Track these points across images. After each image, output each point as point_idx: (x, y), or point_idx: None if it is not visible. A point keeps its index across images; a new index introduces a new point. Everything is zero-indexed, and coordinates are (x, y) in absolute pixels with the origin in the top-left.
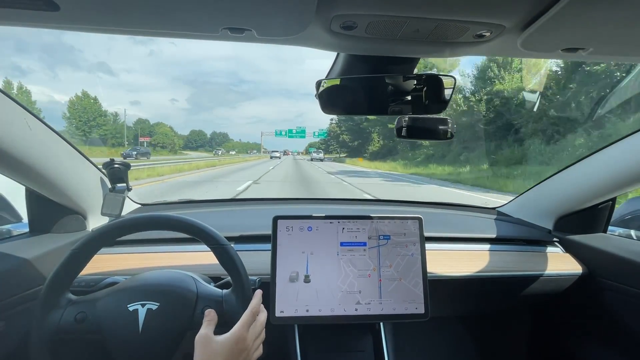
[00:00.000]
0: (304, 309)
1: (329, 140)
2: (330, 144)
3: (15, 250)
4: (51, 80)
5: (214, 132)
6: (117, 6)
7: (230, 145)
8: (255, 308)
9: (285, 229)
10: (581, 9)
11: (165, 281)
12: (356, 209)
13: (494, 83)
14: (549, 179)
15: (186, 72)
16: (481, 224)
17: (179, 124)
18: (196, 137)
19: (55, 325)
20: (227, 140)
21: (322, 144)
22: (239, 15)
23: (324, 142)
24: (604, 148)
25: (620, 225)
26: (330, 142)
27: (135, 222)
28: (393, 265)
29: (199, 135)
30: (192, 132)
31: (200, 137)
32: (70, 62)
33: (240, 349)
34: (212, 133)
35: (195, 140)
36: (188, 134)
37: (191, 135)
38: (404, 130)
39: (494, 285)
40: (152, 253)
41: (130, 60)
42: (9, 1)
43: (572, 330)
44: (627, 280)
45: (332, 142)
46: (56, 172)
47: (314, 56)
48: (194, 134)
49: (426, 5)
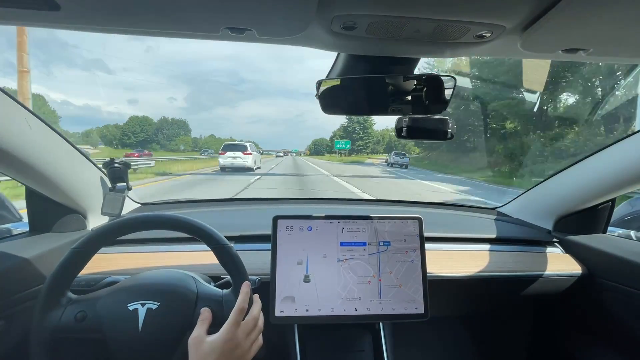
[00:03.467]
0: (304, 309)
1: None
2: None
3: (15, 250)
4: (45, 77)
5: (168, 120)
6: (118, 6)
7: (183, 141)
8: (242, 305)
9: (285, 228)
10: (581, 9)
11: (165, 281)
12: (356, 209)
13: None
14: (549, 180)
15: (185, 71)
16: (481, 224)
17: None
18: (135, 127)
19: (55, 324)
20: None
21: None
22: (239, 15)
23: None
24: (604, 148)
25: (620, 225)
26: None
27: (135, 222)
28: (393, 272)
29: (142, 124)
30: (131, 118)
31: (145, 126)
32: (65, 59)
33: (231, 348)
34: (160, 120)
35: (135, 133)
36: (126, 121)
37: (130, 124)
38: (404, 130)
39: (494, 286)
40: (152, 252)
41: (127, 57)
42: (10, 1)
43: (571, 330)
44: (627, 281)
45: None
46: (56, 171)
47: (314, 56)
48: (133, 122)
49: (427, 5)
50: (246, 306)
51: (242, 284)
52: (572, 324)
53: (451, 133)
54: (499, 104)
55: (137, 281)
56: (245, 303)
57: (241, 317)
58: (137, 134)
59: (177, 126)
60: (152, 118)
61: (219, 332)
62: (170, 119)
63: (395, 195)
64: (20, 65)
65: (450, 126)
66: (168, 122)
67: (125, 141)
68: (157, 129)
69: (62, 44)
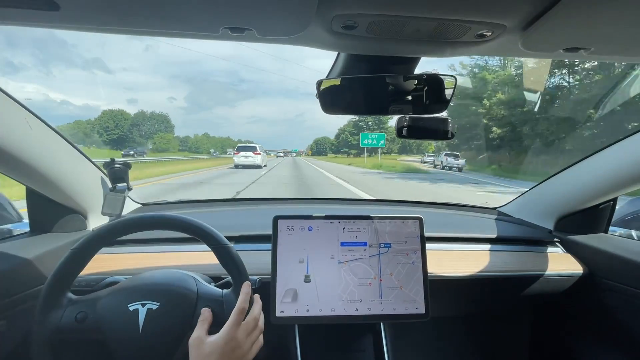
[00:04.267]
0: (305, 309)
1: None
2: None
3: (15, 250)
4: (44, 77)
5: (146, 114)
6: (118, 6)
7: (164, 139)
8: (242, 305)
9: (286, 228)
10: (582, 8)
11: (165, 281)
12: (356, 209)
13: None
14: (549, 179)
15: (185, 70)
16: (482, 224)
17: (176, 124)
18: (109, 122)
19: (56, 325)
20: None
21: None
22: (239, 15)
23: None
24: (605, 148)
25: (621, 225)
26: None
27: (135, 222)
28: (394, 273)
29: (117, 118)
30: (104, 113)
31: (120, 121)
32: (64, 58)
33: (231, 348)
34: (137, 113)
35: (108, 130)
36: (98, 115)
37: (103, 119)
38: (405, 130)
39: (495, 285)
40: (152, 253)
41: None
42: (9, 1)
43: (572, 330)
44: (628, 281)
45: None
46: (57, 171)
47: (315, 56)
48: (107, 117)
49: (427, 5)
50: (247, 306)
51: (243, 284)
52: (573, 323)
53: (451, 132)
54: None
55: (138, 281)
56: (246, 303)
57: (242, 318)
58: (110, 130)
59: (157, 121)
60: (129, 112)
61: (220, 333)
62: (149, 112)
63: None
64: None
65: (451, 126)
66: (146, 117)
67: (97, 139)
68: (132, 124)
69: (61, 42)
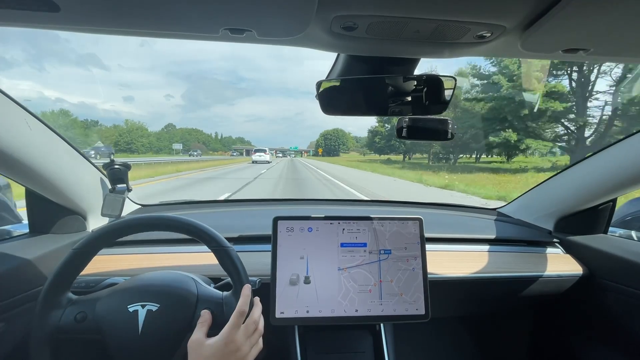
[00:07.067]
0: (304, 310)
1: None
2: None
3: (15, 251)
4: (38, 74)
5: None
6: (118, 7)
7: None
8: (242, 308)
9: (286, 229)
10: (582, 9)
11: (165, 282)
12: (356, 209)
13: None
14: (549, 180)
15: (183, 67)
16: (481, 225)
17: (175, 122)
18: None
19: (56, 325)
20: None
21: None
22: (239, 16)
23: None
24: (605, 149)
25: (621, 226)
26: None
27: (135, 223)
28: (394, 280)
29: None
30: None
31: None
32: (57, 54)
33: (231, 351)
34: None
35: None
36: None
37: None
38: (404, 130)
39: (495, 286)
40: (152, 254)
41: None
42: (9, 2)
43: (572, 331)
44: (628, 281)
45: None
46: (56, 172)
47: (314, 56)
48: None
49: (427, 6)
50: (247, 309)
51: (243, 287)
52: (573, 324)
53: (451, 133)
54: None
55: (137, 282)
56: (246, 306)
57: (242, 320)
58: None
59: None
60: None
61: (219, 335)
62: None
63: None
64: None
65: (451, 126)
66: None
67: None
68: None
69: (54, 38)
